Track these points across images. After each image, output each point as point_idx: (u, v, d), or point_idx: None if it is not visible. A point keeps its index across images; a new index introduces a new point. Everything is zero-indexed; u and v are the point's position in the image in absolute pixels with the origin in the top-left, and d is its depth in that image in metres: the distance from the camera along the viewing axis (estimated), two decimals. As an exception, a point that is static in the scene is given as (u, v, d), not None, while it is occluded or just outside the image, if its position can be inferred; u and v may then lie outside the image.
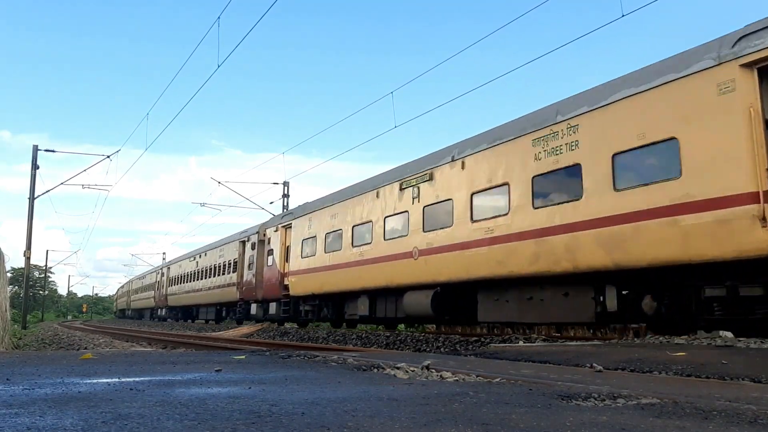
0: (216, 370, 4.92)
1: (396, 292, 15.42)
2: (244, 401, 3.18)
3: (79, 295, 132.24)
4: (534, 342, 10.01)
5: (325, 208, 19.25)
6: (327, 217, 18.99)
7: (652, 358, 6.48)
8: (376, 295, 16.72)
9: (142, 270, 66.19)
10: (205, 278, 33.57)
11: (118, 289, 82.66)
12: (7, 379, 4.18)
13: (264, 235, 24.80)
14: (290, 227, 21.99)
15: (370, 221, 16.30)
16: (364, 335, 14.94)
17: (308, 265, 19.87)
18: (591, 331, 12.47)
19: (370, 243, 16.26)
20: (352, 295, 17.90)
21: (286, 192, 34.83)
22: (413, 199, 14.51)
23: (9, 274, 31.72)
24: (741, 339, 8.24)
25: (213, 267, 32.18)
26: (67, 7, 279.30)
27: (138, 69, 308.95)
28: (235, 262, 28.16)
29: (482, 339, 10.99)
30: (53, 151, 41.64)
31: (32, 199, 30.51)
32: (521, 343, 9.95)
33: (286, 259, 22.11)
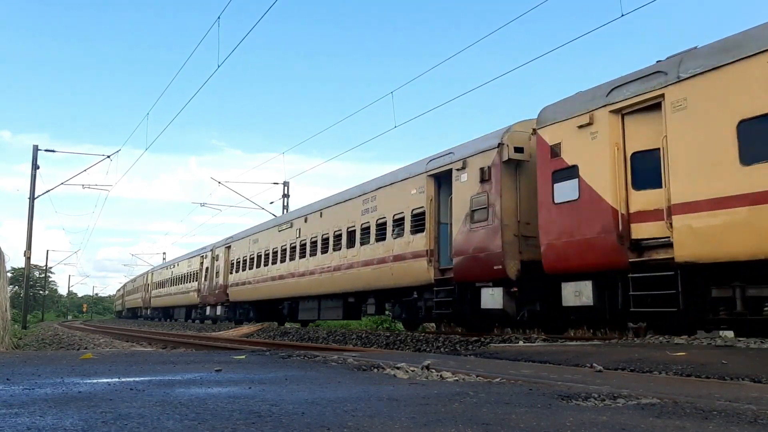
0: (216, 370, 4.92)
1: None
2: (244, 401, 3.18)
3: (80, 295, 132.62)
4: (534, 342, 10.01)
5: None
6: None
7: (652, 358, 6.48)
8: None
9: (142, 269, 62.94)
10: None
11: (126, 284, 73.49)
12: (8, 379, 4.18)
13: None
14: None
15: None
16: (364, 335, 14.94)
17: None
18: (591, 331, 12.48)
19: None
20: None
21: (286, 192, 34.91)
22: None
23: (9, 274, 31.72)
24: (741, 339, 8.24)
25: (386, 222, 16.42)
26: (67, 8, 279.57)
27: (138, 69, 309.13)
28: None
29: (482, 339, 10.99)
30: (53, 151, 41.77)
31: (32, 199, 30.55)
32: (521, 343, 9.95)
33: None
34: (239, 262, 28.38)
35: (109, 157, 30.46)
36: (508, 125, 12.89)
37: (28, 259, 30.98)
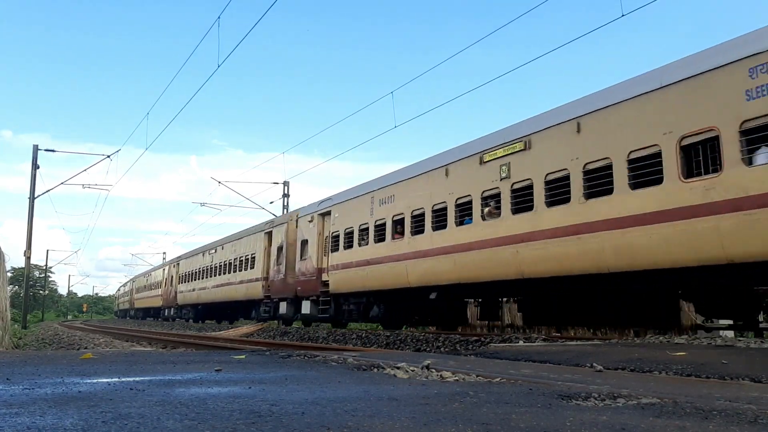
0: (216, 370, 4.92)
1: None
2: (244, 401, 3.18)
3: (80, 294, 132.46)
4: (534, 342, 10.01)
5: None
6: None
7: (652, 358, 6.47)
8: None
9: (142, 269, 63.58)
10: None
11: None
12: (8, 379, 4.18)
13: None
14: None
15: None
16: (364, 335, 14.94)
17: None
18: (591, 330, 12.48)
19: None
20: None
21: (286, 192, 34.88)
22: None
23: (9, 274, 31.72)
24: (741, 339, 8.24)
25: None
26: (67, 7, 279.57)
27: (138, 68, 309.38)
28: None
29: (482, 339, 10.99)
30: (53, 150, 41.74)
31: (32, 198, 30.53)
32: (521, 343, 9.95)
33: None
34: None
35: (109, 156, 30.48)
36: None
37: (28, 258, 30.94)
